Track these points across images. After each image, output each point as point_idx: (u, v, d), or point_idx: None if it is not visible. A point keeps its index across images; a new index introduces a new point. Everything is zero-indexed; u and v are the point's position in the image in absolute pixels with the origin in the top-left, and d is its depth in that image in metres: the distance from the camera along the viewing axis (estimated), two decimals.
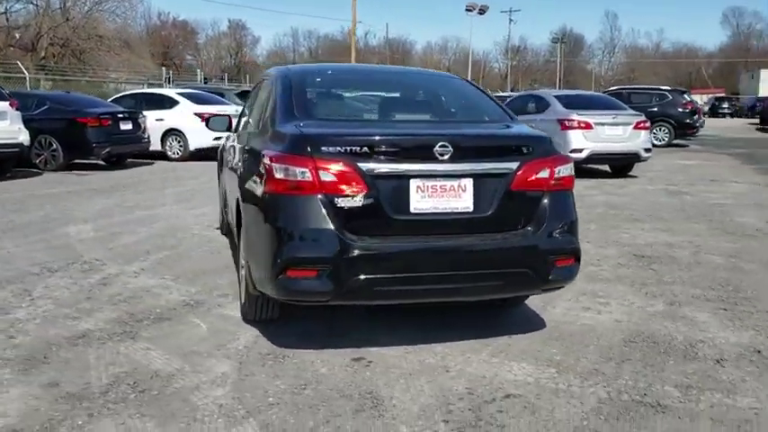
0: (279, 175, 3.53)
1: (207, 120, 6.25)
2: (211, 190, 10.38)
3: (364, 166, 3.49)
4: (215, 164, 7.70)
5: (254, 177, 3.90)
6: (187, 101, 15.19)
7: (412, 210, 3.57)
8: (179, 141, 15.13)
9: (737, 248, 6.66)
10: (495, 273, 3.67)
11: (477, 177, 3.64)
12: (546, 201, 3.79)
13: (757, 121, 40.09)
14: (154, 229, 7.29)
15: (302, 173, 3.48)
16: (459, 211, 3.63)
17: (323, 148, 3.49)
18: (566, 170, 3.85)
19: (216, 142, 15.24)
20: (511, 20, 66.04)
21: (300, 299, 3.61)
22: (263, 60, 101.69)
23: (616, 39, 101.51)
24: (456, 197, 3.62)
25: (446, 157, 3.57)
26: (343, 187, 3.48)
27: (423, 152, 3.59)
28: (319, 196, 3.48)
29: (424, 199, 3.58)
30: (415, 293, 3.66)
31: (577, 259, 3.89)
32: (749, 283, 5.40)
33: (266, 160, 3.64)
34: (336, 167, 3.47)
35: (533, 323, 4.37)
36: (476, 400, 3.26)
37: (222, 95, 17.10)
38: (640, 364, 3.73)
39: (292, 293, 3.55)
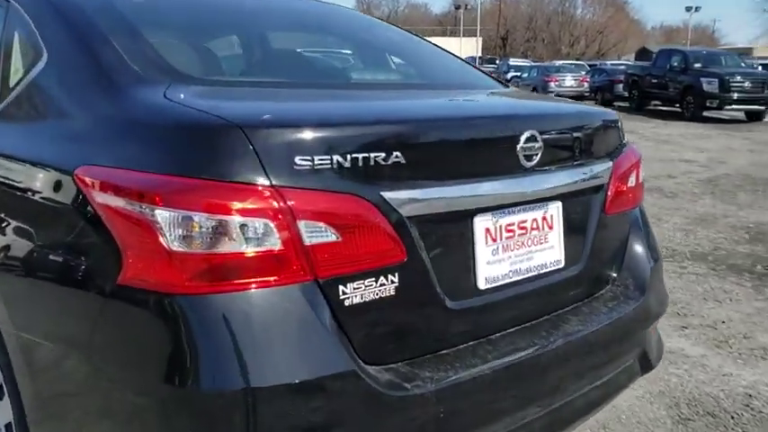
0: (182, 247, 1.26)
1: None
2: None
3: (391, 197, 1.42)
4: None
5: (55, 248, 1.52)
6: None
7: (480, 284, 1.61)
8: None
9: None
10: (610, 374, 1.91)
11: (566, 199, 1.82)
12: (633, 228, 2.13)
13: None
14: None
15: (259, 230, 1.27)
16: (549, 270, 1.77)
17: (297, 161, 1.32)
18: (641, 171, 2.22)
19: None
20: None
21: None
22: None
23: None
24: (541, 242, 1.75)
25: (534, 161, 1.68)
26: (357, 254, 1.37)
27: (499, 154, 1.64)
28: (302, 286, 1.32)
29: (498, 256, 1.64)
30: None
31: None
32: (690, 299, 4.36)
33: (119, 202, 1.31)
34: (338, 207, 1.35)
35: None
36: None
37: None
38: None
39: None
